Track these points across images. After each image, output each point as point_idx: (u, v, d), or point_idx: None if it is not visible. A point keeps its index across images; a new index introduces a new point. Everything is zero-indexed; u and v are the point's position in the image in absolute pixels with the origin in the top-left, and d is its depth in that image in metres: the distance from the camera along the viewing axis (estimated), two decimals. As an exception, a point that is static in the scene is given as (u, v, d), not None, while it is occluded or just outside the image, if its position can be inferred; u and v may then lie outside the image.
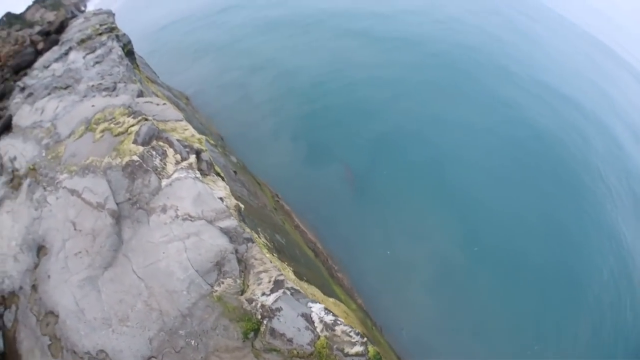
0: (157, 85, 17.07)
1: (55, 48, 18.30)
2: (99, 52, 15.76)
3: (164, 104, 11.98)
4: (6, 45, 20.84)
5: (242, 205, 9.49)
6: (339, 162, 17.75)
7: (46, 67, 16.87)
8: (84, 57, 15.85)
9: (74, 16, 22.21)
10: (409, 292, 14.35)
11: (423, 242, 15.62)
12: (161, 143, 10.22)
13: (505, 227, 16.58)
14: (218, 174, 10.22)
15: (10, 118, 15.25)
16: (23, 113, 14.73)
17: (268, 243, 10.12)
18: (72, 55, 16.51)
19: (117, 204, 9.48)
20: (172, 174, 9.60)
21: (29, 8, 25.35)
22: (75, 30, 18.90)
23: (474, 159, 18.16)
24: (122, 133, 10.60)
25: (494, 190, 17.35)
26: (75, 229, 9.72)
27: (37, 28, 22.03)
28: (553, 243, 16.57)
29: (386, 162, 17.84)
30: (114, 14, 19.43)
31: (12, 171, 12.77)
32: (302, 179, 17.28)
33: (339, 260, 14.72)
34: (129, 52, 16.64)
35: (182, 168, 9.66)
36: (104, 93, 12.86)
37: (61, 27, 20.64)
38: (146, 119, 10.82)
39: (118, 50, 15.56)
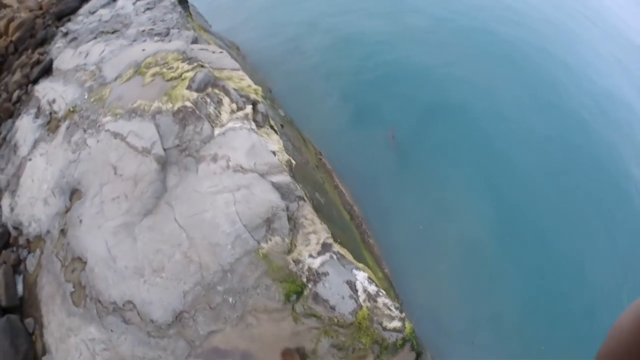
0: (209, 34, 16.41)
1: (101, -5, 17.78)
2: None
3: (220, 52, 11.23)
4: (47, -9, 20.42)
5: (293, 162, 8.67)
6: (385, 125, 16.87)
7: (92, 12, 16.34)
8: (133, 4, 15.28)
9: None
10: (434, 272, 13.57)
11: (456, 223, 14.72)
12: (217, 91, 9.45)
13: (543, 222, 15.52)
14: (272, 127, 9.44)
15: (50, 62, 14.67)
16: (65, 57, 14.16)
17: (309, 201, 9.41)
18: (121, 1, 15.98)
19: (165, 149, 8.66)
20: (226, 123, 8.74)
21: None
22: None
23: (526, 147, 17.09)
24: (175, 78, 9.94)
25: (542, 183, 16.25)
26: (115, 174, 8.98)
27: (84, -23, 21.63)
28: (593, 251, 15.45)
29: (434, 133, 16.94)
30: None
31: (50, 113, 12.17)
32: (346, 139, 16.46)
33: (373, 226, 13.94)
34: (182, 0, 16.13)
35: (237, 118, 8.80)
36: (155, 38, 12.12)
37: (109, -25, 20.17)
38: (202, 66, 10.10)
39: None
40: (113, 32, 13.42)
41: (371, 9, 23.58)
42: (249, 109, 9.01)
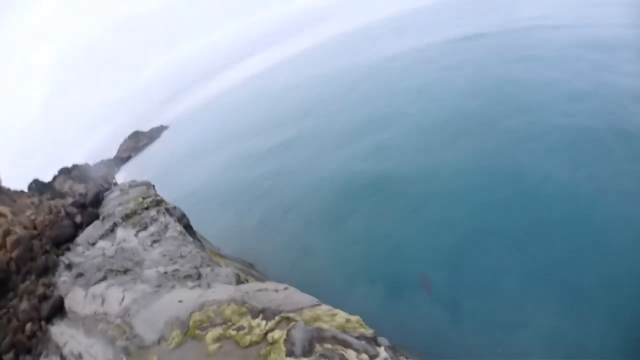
0: (223, 258, 17.43)
1: (97, 223, 18.98)
2: (152, 229, 16.40)
3: (285, 288, 10.82)
4: (40, 213, 21.43)
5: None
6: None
7: (91, 244, 17.31)
8: (135, 235, 16.35)
9: (107, 189, 23.30)
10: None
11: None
12: (330, 345, 7.59)
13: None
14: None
15: (61, 300, 15.13)
16: (76, 297, 14.75)
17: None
18: (120, 233, 17.03)
19: None
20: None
21: (55, 178, 26.55)
22: (114, 204, 19.76)
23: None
24: (258, 342, 8.29)
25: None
26: None
27: (70, 199, 22.95)
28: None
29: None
30: (153, 185, 20.54)
31: (80, 372, 12.29)
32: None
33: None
34: (187, 227, 17.08)
35: (374, 371, 7.31)
36: (189, 283, 12.16)
37: (96, 200, 21.60)
38: (288, 318, 8.72)
39: (177, 226, 16.15)
40: (125, 272, 14.21)
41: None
42: (382, 352, 7.60)
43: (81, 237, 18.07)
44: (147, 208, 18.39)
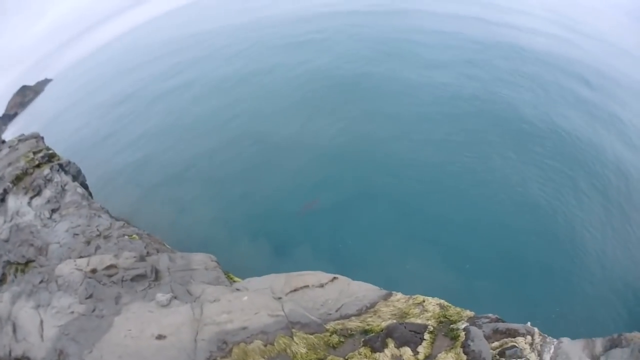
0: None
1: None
2: (47, 193, 12.61)
3: (334, 278, 8.46)
4: None
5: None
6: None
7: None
8: (29, 204, 12.74)
9: (-5, 147, 18.40)
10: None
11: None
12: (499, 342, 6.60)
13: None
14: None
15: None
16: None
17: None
18: (12, 203, 13.09)
19: None
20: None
21: None
22: (3, 164, 15.40)
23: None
24: None
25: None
26: None
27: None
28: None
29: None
30: (42, 137, 16.27)
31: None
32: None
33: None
34: (83, 186, 13.52)
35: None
36: (149, 292, 8.28)
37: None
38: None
39: (76, 187, 12.47)
40: (26, 265, 10.71)
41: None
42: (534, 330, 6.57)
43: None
44: (38, 165, 14.46)
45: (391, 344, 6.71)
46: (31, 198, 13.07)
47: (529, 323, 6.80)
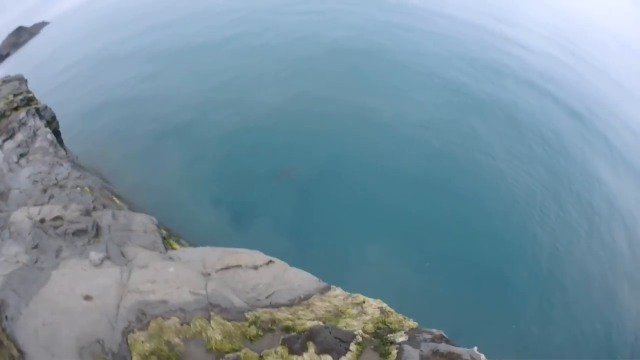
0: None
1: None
2: (19, 137, 12.82)
3: (270, 262, 8.26)
4: None
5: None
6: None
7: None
8: (1, 147, 12.91)
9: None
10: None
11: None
12: None
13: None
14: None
15: None
16: None
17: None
18: None
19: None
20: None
21: None
22: None
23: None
24: None
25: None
26: None
27: None
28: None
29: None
30: (26, 80, 16.32)
31: None
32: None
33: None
34: (56, 133, 13.67)
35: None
36: (86, 248, 8.37)
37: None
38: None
39: (47, 133, 12.64)
40: None
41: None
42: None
43: None
44: (16, 108, 14.55)
45: (312, 349, 6.36)
46: (4, 141, 13.21)
47: (475, 348, 6.14)
